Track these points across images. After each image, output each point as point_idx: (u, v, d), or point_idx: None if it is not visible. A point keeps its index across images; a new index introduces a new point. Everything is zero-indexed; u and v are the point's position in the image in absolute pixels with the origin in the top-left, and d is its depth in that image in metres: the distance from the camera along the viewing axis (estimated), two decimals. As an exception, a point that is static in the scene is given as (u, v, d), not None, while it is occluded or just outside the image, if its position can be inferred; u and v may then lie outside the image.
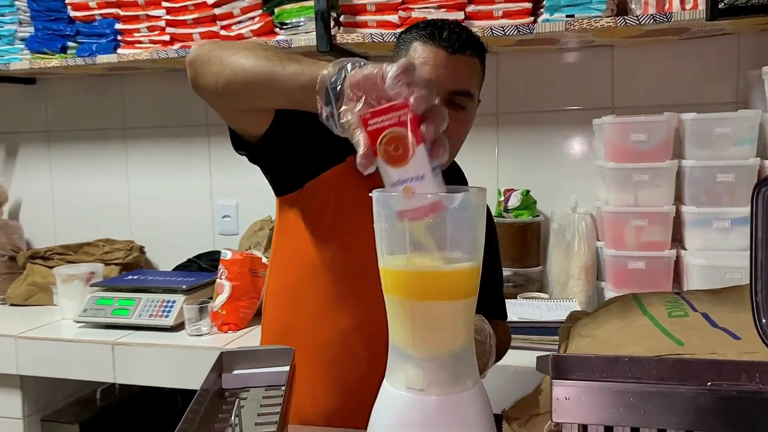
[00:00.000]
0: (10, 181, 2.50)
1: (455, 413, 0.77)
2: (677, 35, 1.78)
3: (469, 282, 0.77)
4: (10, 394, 1.89)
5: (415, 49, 1.10)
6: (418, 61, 1.09)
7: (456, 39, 1.09)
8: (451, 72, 1.09)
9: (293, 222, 1.17)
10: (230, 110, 1.03)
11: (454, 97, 1.10)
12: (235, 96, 0.97)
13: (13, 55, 2.14)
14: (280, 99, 0.93)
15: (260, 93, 0.93)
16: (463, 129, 1.15)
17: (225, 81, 0.95)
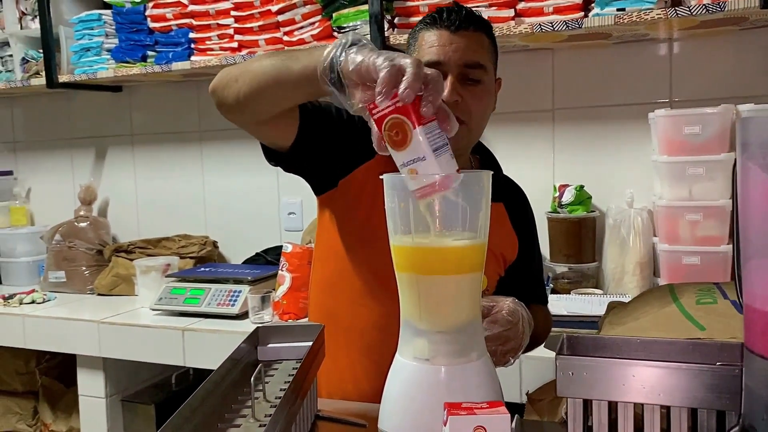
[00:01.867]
0: (99, 181, 2.71)
1: (459, 383, 0.81)
2: (736, 25, 1.73)
3: (472, 258, 0.82)
4: (94, 375, 2.06)
5: (422, 38, 1.15)
6: (426, 46, 1.13)
7: (456, 17, 1.14)
8: (458, 47, 1.12)
9: (331, 219, 1.23)
10: (258, 124, 1.08)
11: (468, 72, 1.13)
12: (256, 105, 1.02)
13: (100, 65, 2.34)
14: (296, 94, 0.98)
15: (276, 94, 0.98)
16: (482, 103, 1.17)
17: (244, 94, 1.00)
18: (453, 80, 1.12)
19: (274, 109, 1.03)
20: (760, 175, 0.53)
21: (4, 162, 2.93)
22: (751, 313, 0.59)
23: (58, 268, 2.42)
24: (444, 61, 1.12)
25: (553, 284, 1.91)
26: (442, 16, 1.15)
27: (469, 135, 1.17)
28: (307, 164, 1.17)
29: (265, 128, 1.09)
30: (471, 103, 1.14)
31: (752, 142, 0.54)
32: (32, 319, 2.11)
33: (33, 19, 2.52)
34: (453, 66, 1.12)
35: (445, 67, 1.12)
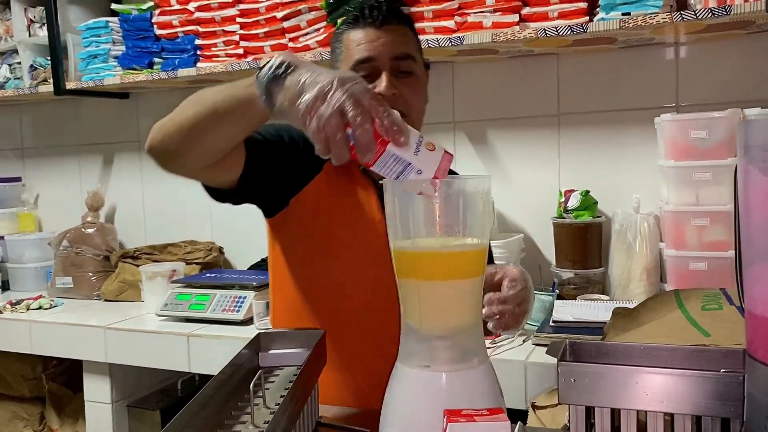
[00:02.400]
0: (107, 188, 2.72)
1: (461, 390, 0.81)
2: (743, 29, 1.72)
3: (473, 262, 0.81)
4: (101, 381, 2.06)
5: (348, 38, 1.16)
6: (354, 45, 1.15)
7: (378, 13, 1.15)
8: (386, 42, 1.14)
9: (287, 240, 1.23)
10: (205, 168, 1.02)
11: (399, 64, 1.15)
12: (202, 152, 0.98)
13: (108, 72, 2.35)
14: (242, 127, 0.95)
15: (221, 134, 0.95)
16: (418, 94, 1.19)
17: (188, 147, 0.97)
18: (387, 75, 1.14)
19: (223, 149, 0.99)
20: (760, 178, 0.52)
21: (13, 168, 2.95)
22: (753, 319, 0.58)
23: (65, 274, 2.43)
24: (375, 57, 1.14)
25: (559, 290, 1.90)
26: (364, 13, 1.16)
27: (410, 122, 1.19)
28: (257, 192, 1.15)
29: (211, 171, 1.04)
30: (408, 95, 1.16)
31: (753, 146, 0.53)
32: (39, 324, 2.11)
33: (41, 26, 2.54)
34: (385, 60, 1.14)
35: (377, 63, 1.14)
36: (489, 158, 2.13)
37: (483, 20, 1.80)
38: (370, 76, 1.14)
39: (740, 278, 0.63)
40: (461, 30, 1.83)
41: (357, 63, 1.15)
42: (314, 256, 1.21)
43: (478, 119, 2.13)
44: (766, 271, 0.55)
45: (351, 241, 1.21)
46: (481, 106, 2.12)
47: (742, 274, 0.62)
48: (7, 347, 2.18)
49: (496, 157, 2.12)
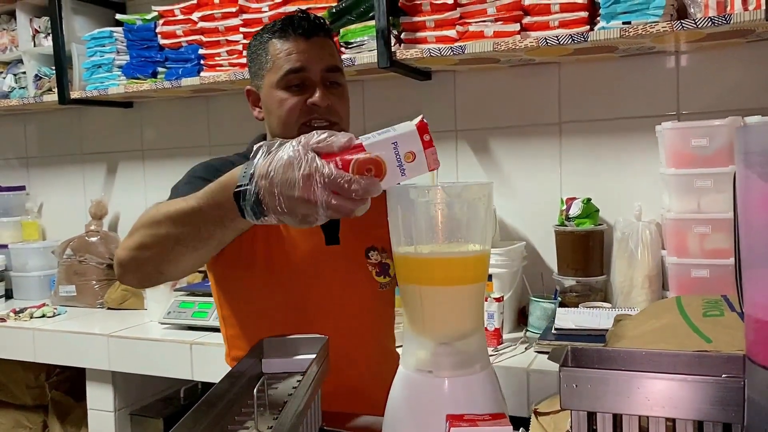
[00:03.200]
0: (110, 196, 2.74)
1: (462, 395, 0.81)
2: (743, 38, 1.73)
3: (475, 268, 0.82)
4: (104, 389, 2.07)
5: (274, 47, 1.18)
6: (284, 55, 1.16)
7: (307, 24, 1.19)
8: (317, 53, 1.18)
9: (228, 280, 1.25)
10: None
11: (329, 76, 1.19)
12: (184, 269, 0.99)
13: (112, 81, 2.37)
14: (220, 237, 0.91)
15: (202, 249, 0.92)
16: (345, 103, 1.24)
17: (170, 272, 0.98)
18: (321, 86, 1.18)
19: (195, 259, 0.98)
20: (759, 183, 0.53)
21: (17, 177, 2.97)
22: (753, 323, 0.59)
23: (68, 282, 2.44)
24: (307, 67, 1.18)
25: (561, 298, 1.90)
26: (293, 23, 1.19)
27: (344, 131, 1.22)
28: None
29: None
30: (338, 105, 1.20)
31: (751, 151, 0.54)
32: (42, 332, 2.12)
33: (46, 36, 2.56)
34: (316, 71, 1.18)
35: (309, 73, 1.18)
36: (491, 166, 2.13)
37: (484, 29, 1.81)
38: (300, 86, 1.19)
39: (740, 283, 0.64)
40: (463, 39, 1.84)
41: (288, 72, 1.18)
42: (259, 289, 1.23)
43: (480, 128, 2.14)
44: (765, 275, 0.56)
45: (292, 272, 1.23)
46: (482, 115, 2.13)
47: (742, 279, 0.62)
48: (11, 355, 2.19)
49: (498, 166, 2.13)
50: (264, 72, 1.22)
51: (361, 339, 1.30)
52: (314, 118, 1.19)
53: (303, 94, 1.18)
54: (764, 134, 0.53)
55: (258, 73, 1.24)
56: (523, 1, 1.77)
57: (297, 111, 1.18)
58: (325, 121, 1.19)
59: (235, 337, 1.31)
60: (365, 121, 2.24)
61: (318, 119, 1.19)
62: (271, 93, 1.21)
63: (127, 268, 0.99)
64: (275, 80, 1.20)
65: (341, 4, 1.98)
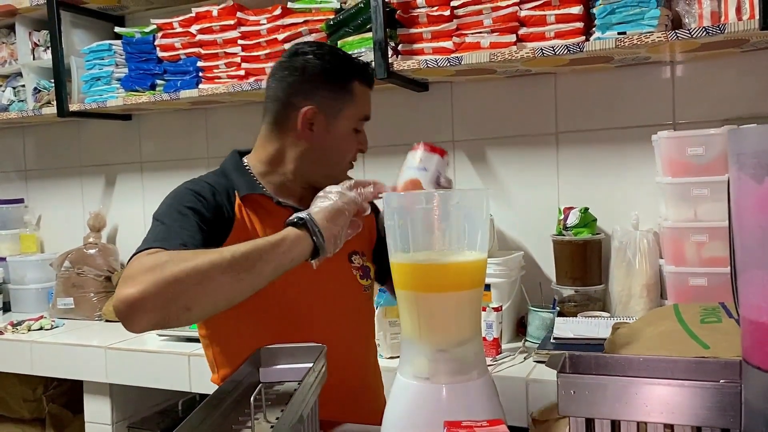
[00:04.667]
0: (109, 209, 2.74)
1: (460, 401, 0.81)
2: (738, 47, 1.74)
3: (472, 274, 0.82)
4: (101, 401, 2.06)
5: (358, 88, 1.27)
6: (364, 102, 1.29)
7: (371, 76, 1.33)
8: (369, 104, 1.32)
9: None
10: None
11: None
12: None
13: (110, 94, 2.38)
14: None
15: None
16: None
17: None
18: (364, 133, 1.33)
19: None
20: (751, 185, 0.53)
21: (16, 190, 2.97)
22: (748, 325, 0.59)
23: (66, 295, 2.44)
24: (369, 117, 1.33)
25: (560, 307, 1.90)
26: (370, 75, 1.32)
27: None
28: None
29: None
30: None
31: (743, 153, 0.54)
32: (40, 345, 2.11)
33: (45, 50, 2.57)
34: (364, 119, 1.32)
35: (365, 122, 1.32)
36: (488, 177, 2.14)
37: (481, 41, 1.82)
38: (359, 131, 1.31)
39: (735, 285, 0.64)
40: (459, 50, 1.85)
41: (363, 119, 1.30)
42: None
43: (477, 138, 2.15)
44: (759, 276, 0.56)
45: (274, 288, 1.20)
46: (479, 126, 2.14)
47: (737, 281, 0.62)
48: (8, 368, 2.18)
49: (495, 176, 2.14)
50: (343, 106, 1.26)
51: (352, 342, 1.31)
52: (354, 159, 1.33)
53: (358, 137, 1.31)
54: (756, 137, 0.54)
55: (330, 102, 1.26)
56: (519, 13, 1.78)
57: (354, 150, 1.31)
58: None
59: (221, 354, 1.30)
60: (363, 133, 2.25)
61: (354, 159, 1.33)
62: (344, 129, 1.28)
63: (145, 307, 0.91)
64: (354, 120, 1.28)
65: (339, 17, 2.00)
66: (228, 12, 2.17)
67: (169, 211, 1.15)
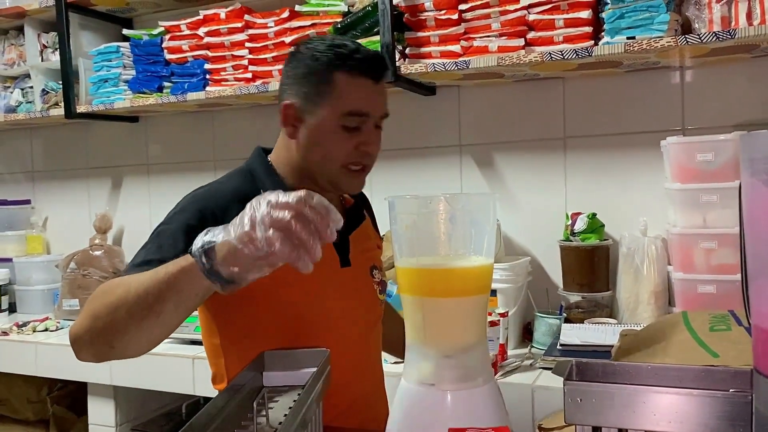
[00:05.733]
0: (115, 210, 2.74)
1: (465, 408, 0.80)
2: (748, 52, 1.73)
3: (477, 280, 0.81)
4: (105, 404, 2.06)
5: (341, 79, 1.11)
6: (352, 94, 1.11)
7: (380, 67, 1.14)
8: (380, 100, 1.15)
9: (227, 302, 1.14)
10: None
11: (380, 122, 1.17)
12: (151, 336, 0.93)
13: (118, 96, 2.38)
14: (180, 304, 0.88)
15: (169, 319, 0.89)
16: (380, 144, 1.20)
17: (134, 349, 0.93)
18: (375, 131, 1.16)
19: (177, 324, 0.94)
20: (764, 191, 0.52)
21: (23, 191, 2.98)
22: (760, 333, 0.58)
23: (72, 296, 2.43)
24: (371, 113, 1.14)
25: (567, 313, 1.89)
26: (365, 63, 1.12)
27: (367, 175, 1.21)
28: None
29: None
30: (375, 147, 1.17)
31: (756, 158, 0.53)
32: (45, 346, 2.11)
33: (53, 51, 2.57)
34: (376, 119, 1.15)
35: (368, 119, 1.14)
36: (495, 181, 2.13)
37: (489, 44, 1.81)
38: (355, 129, 1.14)
39: (746, 294, 0.63)
40: (467, 54, 1.84)
41: (351, 113, 1.13)
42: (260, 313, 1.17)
43: (485, 142, 2.14)
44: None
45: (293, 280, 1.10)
46: (487, 130, 2.13)
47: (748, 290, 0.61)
48: (13, 369, 2.18)
49: (502, 181, 2.12)
50: (321, 100, 1.13)
51: (370, 354, 1.30)
52: (353, 163, 1.16)
53: (355, 136, 1.14)
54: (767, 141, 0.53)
55: (310, 97, 1.15)
56: (527, 17, 1.77)
57: (346, 153, 1.14)
58: (360, 166, 1.17)
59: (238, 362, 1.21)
60: (370, 136, 2.25)
61: (356, 165, 1.16)
62: (324, 125, 1.14)
63: (79, 342, 0.93)
64: (335, 115, 1.13)
65: (346, 20, 1.99)
66: (236, 15, 2.17)
67: (167, 229, 1.10)
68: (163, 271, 0.85)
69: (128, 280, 0.90)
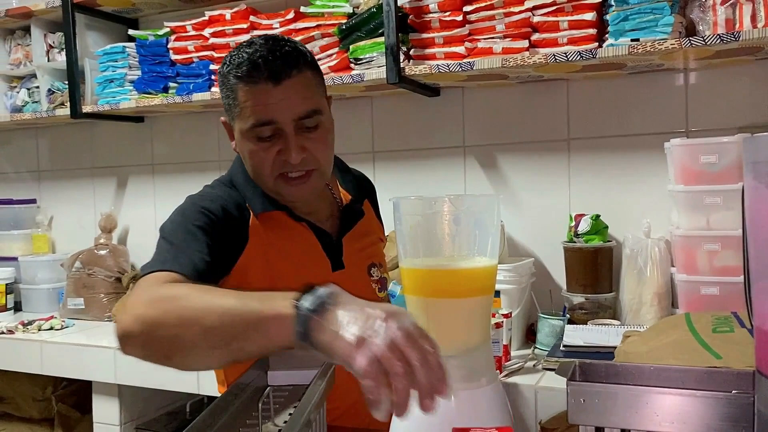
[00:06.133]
0: (120, 210, 2.75)
1: (469, 408, 0.81)
2: (752, 55, 1.73)
3: (482, 281, 0.82)
4: (110, 402, 2.06)
5: (241, 93, 1.05)
6: (251, 105, 1.04)
7: (275, 67, 1.03)
8: (287, 101, 1.05)
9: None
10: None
11: (304, 122, 1.07)
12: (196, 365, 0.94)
13: (123, 96, 2.39)
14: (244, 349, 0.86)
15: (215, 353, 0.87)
16: (325, 144, 1.13)
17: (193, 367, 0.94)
18: (293, 138, 1.07)
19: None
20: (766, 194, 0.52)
21: (28, 190, 2.99)
22: (761, 335, 0.58)
23: (77, 295, 2.45)
24: (278, 120, 1.06)
25: (570, 314, 1.89)
26: (259, 68, 1.04)
27: (321, 177, 1.16)
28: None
29: None
30: (316, 150, 1.10)
31: (759, 161, 0.53)
32: (50, 345, 2.12)
33: (60, 51, 2.59)
34: (288, 123, 1.07)
35: (280, 125, 1.07)
36: (499, 183, 2.13)
37: (493, 46, 1.82)
38: (271, 137, 1.08)
39: (749, 296, 0.63)
40: (471, 55, 1.85)
41: (257, 125, 1.07)
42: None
43: (489, 144, 2.14)
44: (773, 286, 0.55)
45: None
46: (491, 131, 2.14)
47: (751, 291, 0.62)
48: (18, 367, 2.19)
49: (506, 182, 2.13)
50: (234, 114, 1.10)
51: None
52: (288, 171, 1.11)
53: (275, 144, 1.08)
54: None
55: (228, 111, 1.13)
56: (531, 18, 1.78)
57: (269, 164, 1.10)
58: (301, 172, 1.11)
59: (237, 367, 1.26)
60: (374, 137, 2.25)
61: (293, 172, 1.11)
62: (241, 141, 1.11)
63: (133, 342, 0.90)
64: (244, 129, 1.09)
65: (351, 21, 2.00)
66: (241, 16, 2.18)
67: (176, 230, 1.09)
68: (254, 307, 0.81)
69: (209, 297, 0.86)
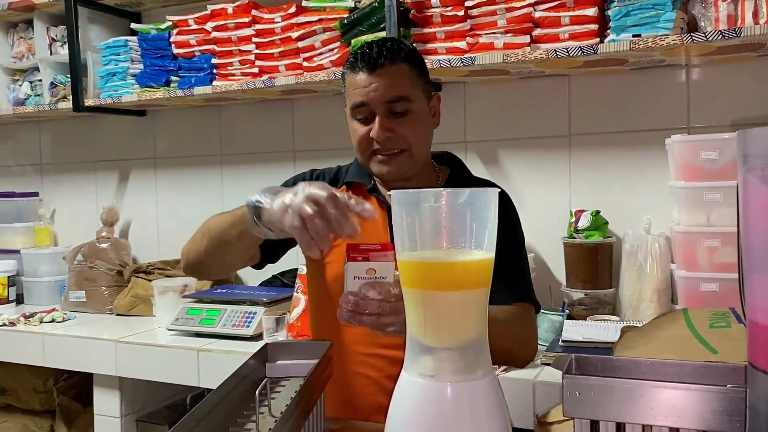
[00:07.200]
0: (122, 203, 2.76)
1: (465, 401, 0.81)
2: (754, 51, 1.73)
3: (478, 273, 0.82)
4: (111, 395, 2.07)
5: (348, 81, 1.27)
6: (352, 89, 1.25)
7: (370, 57, 1.22)
8: (378, 87, 1.22)
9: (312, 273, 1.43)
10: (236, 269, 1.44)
11: (393, 106, 1.22)
12: (223, 266, 1.32)
13: (125, 89, 2.40)
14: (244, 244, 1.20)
15: (234, 253, 1.24)
16: (416, 129, 1.25)
17: (215, 271, 1.36)
18: (381, 118, 1.23)
19: (242, 259, 1.29)
20: (760, 187, 0.53)
21: (31, 183, 3.00)
22: (754, 328, 0.58)
23: (78, 288, 2.46)
24: (368, 102, 1.23)
25: (569, 310, 1.89)
26: (358, 58, 1.24)
27: (411, 159, 1.27)
28: (279, 257, 1.44)
29: (241, 267, 1.37)
30: (405, 132, 1.24)
31: (751, 154, 0.54)
32: (51, 337, 2.13)
33: (62, 45, 2.59)
34: (377, 105, 1.22)
35: (371, 107, 1.23)
36: (500, 178, 2.13)
37: (494, 41, 1.82)
38: (366, 118, 1.25)
39: (742, 288, 0.64)
40: (473, 51, 1.85)
41: (354, 107, 1.26)
42: (318, 283, 1.36)
43: (490, 139, 2.15)
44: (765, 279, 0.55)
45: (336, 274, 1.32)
46: (492, 127, 2.14)
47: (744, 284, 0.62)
48: (20, 359, 2.21)
49: (507, 177, 2.13)
50: (345, 100, 1.31)
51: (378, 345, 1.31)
52: (377, 150, 1.26)
53: (368, 125, 1.25)
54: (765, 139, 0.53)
55: (345, 98, 1.32)
56: (533, 14, 1.78)
57: (364, 141, 1.26)
58: (388, 151, 1.25)
59: (314, 327, 1.43)
60: (375, 132, 2.25)
61: (381, 150, 1.25)
62: (349, 122, 1.30)
63: (185, 257, 1.33)
64: (348, 111, 1.29)
65: (353, 16, 2.00)
66: (243, 10, 2.18)
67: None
68: (232, 213, 1.17)
69: (215, 218, 1.25)
